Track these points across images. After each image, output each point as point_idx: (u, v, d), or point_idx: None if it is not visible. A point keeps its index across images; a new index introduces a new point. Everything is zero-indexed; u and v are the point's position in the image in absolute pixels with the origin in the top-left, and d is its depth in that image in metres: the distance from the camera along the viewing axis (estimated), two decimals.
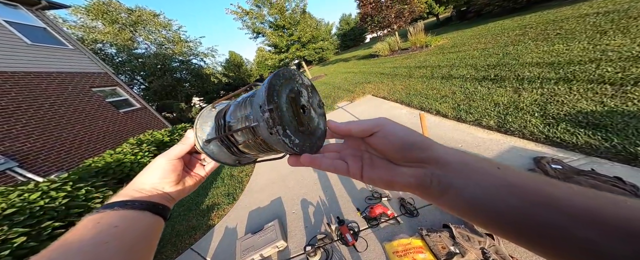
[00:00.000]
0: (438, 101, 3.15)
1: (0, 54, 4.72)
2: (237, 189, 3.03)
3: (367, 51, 14.66)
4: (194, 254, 2.10)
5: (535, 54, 3.39)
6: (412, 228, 1.43)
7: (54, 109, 5.24)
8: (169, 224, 2.87)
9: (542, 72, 2.81)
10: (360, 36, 39.55)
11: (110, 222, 0.26)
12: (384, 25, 9.58)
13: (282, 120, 0.25)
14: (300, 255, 1.62)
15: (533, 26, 5.00)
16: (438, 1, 14.08)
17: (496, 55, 4.00)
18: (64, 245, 0.23)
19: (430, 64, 5.29)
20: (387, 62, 7.91)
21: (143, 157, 4.94)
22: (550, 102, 2.21)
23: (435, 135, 2.40)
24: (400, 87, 4.39)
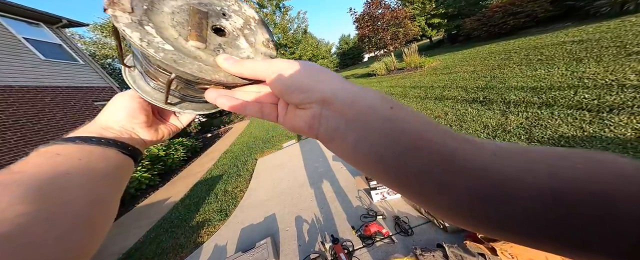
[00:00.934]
0: None
1: (13, 69, 4.89)
2: (230, 205, 2.95)
3: (365, 70, 15.35)
4: None
5: (520, 78, 3.62)
6: (407, 247, 1.41)
7: (55, 121, 5.26)
8: (154, 241, 2.73)
9: (526, 96, 2.98)
10: (358, 55, 41.59)
11: (72, 154, 0.22)
12: (380, 46, 10.27)
13: (149, 16, 0.21)
14: None
15: (517, 51, 5.37)
16: (431, 25, 15.20)
17: (484, 78, 4.25)
18: (14, 173, 0.19)
19: (424, 84, 5.56)
20: (384, 81, 8.28)
21: (136, 171, 4.85)
22: (535, 126, 2.31)
23: None
24: None
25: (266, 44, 0.29)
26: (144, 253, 2.51)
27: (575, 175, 0.13)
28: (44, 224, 0.17)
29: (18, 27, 5.31)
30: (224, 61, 0.22)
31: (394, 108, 0.18)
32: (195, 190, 4.04)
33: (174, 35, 0.23)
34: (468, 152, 0.15)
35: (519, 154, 0.15)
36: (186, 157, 6.86)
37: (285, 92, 0.21)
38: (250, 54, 0.27)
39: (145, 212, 3.81)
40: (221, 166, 5.06)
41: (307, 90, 0.20)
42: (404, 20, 9.31)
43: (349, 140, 0.18)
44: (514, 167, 0.14)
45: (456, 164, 0.15)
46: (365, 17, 9.81)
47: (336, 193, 2.34)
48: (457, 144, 0.16)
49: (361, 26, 10.10)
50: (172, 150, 6.38)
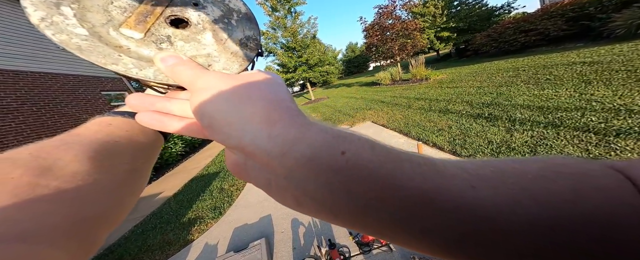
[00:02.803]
0: (435, 134, 3.25)
1: (29, 54, 5.02)
2: (225, 203, 2.88)
3: (370, 78, 15.51)
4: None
5: (526, 97, 3.61)
6: (405, 256, 1.34)
7: (59, 107, 5.33)
8: (140, 237, 2.65)
9: (532, 115, 2.96)
10: (364, 64, 42.17)
11: (121, 125, 0.23)
12: (387, 56, 10.41)
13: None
14: None
15: (525, 69, 5.38)
16: (439, 38, 15.41)
17: (490, 95, 4.26)
18: (77, 135, 0.20)
19: (428, 96, 5.59)
20: (387, 91, 8.34)
21: None
22: (539, 145, 2.29)
23: None
24: (400, 117, 4.55)
25: (244, 43, 0.24)
26: (127, 249, 2.43)
27: (558, 197, 0.12)
28: (93, 184, 0.18)
29: None
30: (159, 56, 0.19)
31: (346, 152, 0.13)
32: (190, 186, 3.97)
33: (101, 20, 0.19)
34: (444, 190, 0.13)
35: (495, 179, 0.13)
36: (184, 152, 6.82)
37: (201, 123, 0.17)
38: (212, 51, 0.22)
39: (136, 206, 3.73)
40: (219, 163, 5.01)
41: (222, 132, 0.16)
42: (413, 31, 9.50)
43: (288, 197, 0.15)
44: (498, 200, 0.12)
45: (434, 206, 0.13)
46: (374, 27, 10.02)
47: None
48: (431, 183, 0.13)
49: (370, 35, 10.30)
50: (171, 144, 6.35)
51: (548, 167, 0.14)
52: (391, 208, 0.13)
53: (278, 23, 12.42)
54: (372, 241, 1.49)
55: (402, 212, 0.13)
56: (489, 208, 0.12)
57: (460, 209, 0.12)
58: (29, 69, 4.98)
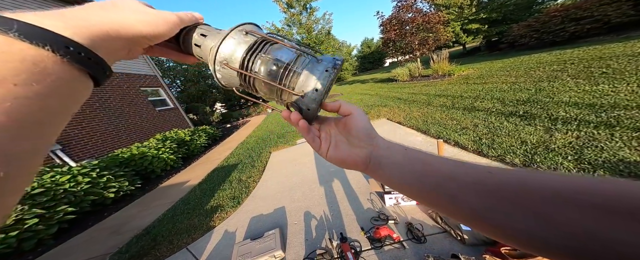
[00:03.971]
0: (457, 132, 3.03)
1: None
2: (243, 194, 3.04)
3: (386, 75, 14.95)
4: (188, 254, 2.07)
5: (574, 93, 3.18)
6: (418, 255, 1.29)
7: (106, 103, 6.01)
8: (170, 221, 2.88)
9: (580, 113, 2.60)
10: (379, 60, 40.77)
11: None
12: (406, 52, 9.87)
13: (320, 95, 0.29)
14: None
15: (575, 62, 4.74)
16: (466, 31, 14.22)
17: (528, 91, 3.83)
18: None
19: (451, 93, 5.22)
20: (405, 88, 7.96)
21: (164, 152, 5.29)
22: (587, 147, 2.01)
23: None
24: (418, 114, 4.33)
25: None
26: (160, 231, 2.67)
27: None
28: None
29: None
30: (329, 104, 0.34)
31: (407, 149, 0.29)
32: (212, 176, 4.26)
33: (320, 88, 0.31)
34: (462, 172, 0.23)
35: (511, 171, 0.22)
36: (207, 144, 7.33)
37: (363, 135, 0.31)
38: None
39: (166, 192, 4.10)
40: (237, 155, 5.27)
41: (374, 137, 0.31)
42: (436, 25, 8.87)
43: (386, 170, 0.29)
44: (511, 177, 0.20)
45: (458, 180, 0.23)
46: (392, 21, 9.54)
47: (347, 193, 2.27)
48: (456, 168, 0.24)
49: (387, 30, 9.82)
50: (196, 137, 6.86)
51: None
52: (432, 179, 0.25)
53: (293, 20, 12.57)
54: (384, 237, 1.45)
55: (438, 182, 0.24)
56: (495, 183, 0.21)
57: (473, 182, 0.22)
58: None
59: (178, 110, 8.91)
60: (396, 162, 0.28)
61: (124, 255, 2.33)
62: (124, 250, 2.42)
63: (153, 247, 2.33)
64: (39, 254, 2.68)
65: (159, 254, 2.19)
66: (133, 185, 4.25)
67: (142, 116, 6.98)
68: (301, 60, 0.31)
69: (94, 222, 3.32)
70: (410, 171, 0.27)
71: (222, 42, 0.29)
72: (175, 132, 6.44)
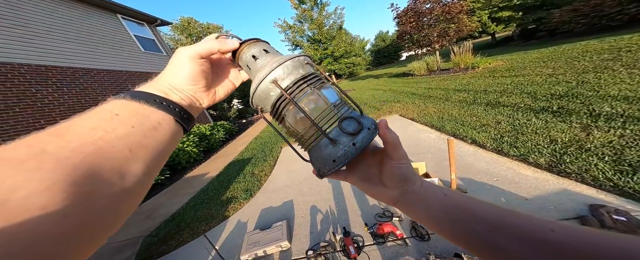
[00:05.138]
0: (476, 129, 2.85)
1: (127, 57, 6.59)
2: (255, 187, 3.21)
3: (401, 69, 14.33)
4: (205, 240, 2.26)
5: (626, 85, 2.78)
6: (420, 252, 1.29)
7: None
8: (192, 209, 3.15)
9: (629, 108, 2.29)
10: (395, 53, 39.02)
11: (129, 119, 0.22)
12: (423, 44, 9.31)
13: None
14: (301, 258, 1.60)
15: (632, 50, 4.12)
16: (496, 19, 12.89)
17: (567, 84, 3.43)
18: (63, 135, 0.18)
19: (473, 87, 4.88)
20: (421, 82, 7.60)
21: (188, 145, 5.71)
22: (630, 147, 1.78)
23: (466, 164, 2.17)
24: (433, 110, 4.14)
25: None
26: (183, 218, 2.93)
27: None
28: (59, 223, 0.14)
29: (131, 26, 7.12)
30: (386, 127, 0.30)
31: (446, 195, 0.28)
32: (228, 169, 4.53)
33: None
34: (515, 223, 0.22)
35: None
36: (225, 138, 7.75)
37: (399, 180, 0.29)
38: None
39: (190, 182, 4.46)
40: (251, 150, 5.52)
41: (409, 181, 0.29)
42: (458, 15, 8.21)
43: (420, 209, 0.28)
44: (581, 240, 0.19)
45: (509, 233, 0.22)
46: (408, 13, 8.99)
47: (353, 190, 2.29)
48: (506, 217, 0.23)
49: (402, 22, 9.29)
50: (215, 131, 7.28)
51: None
52: (468, 224, 0.25)
53: (304, 16, 12.45)
54: (388, 233, 1.46)
55: (476, 227, 0.24)
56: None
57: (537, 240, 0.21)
58: (125, 69, 6.41)
59: None
60: (431, 208, 0.27)
61: (154, 238, 2.61)
62: (154, 234, 2.71)
63: (177, 232, 2.58)
64: None
65: (182, 238, 2.42)
66: (163, 175, 4.67)
67: None
68: (345, 107, 0.31)
69: None
70: (442, 216, 0.26)
71: (284, 63, 0.29)
72: (198, 126, 6.91)
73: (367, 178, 0.31)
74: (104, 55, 5.93)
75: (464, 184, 1.87)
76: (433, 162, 2.35)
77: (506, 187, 1.73)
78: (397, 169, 0.29)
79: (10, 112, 3.82)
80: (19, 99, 3.97)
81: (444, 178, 1.95)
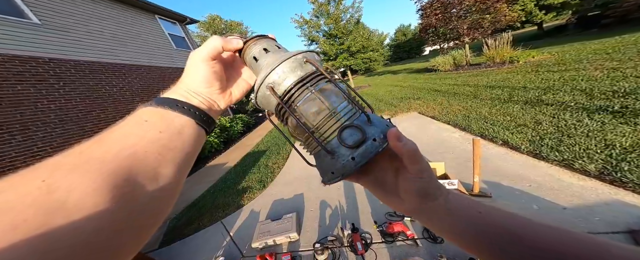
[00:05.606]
0: (510, 130, 2.57)
1: (162, 55, 7.19)
2: (269, 178, 3.31)
3: (423, 64, 13.51)
4: (221, 226, 2.39)
5: None
6: (431, 254, 1.21)
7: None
8: (211, 196, 3.37)
9: None
10: (417, 48, 36.99)
11: (157, 124, 0.24)
12: (450, 37, 8.58)
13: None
14: (308, 250, 1.62)
15: None
16: (545, 7, 11.22)
17: (636, 79, 2.92)
18: (102, 146, 0.20)
19: (510, 84, 4.39)
20: (446, 79, 7.07)
21: (210, 136, 6.14)
22: None
23: (494, 167, 1.97)
24: (458, 108, 3.82)
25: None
26: (203, 205, 3.14)
27: None
28: (110, 219, 0.17)
29: (165, 25, 7.81)
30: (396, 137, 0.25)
31: (483, 212, 0.24)
32: (245, 160, 4.74)
33: None
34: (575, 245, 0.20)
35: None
36: (242, 131, 8.15)
37: (419, 195, 0.26)
38: None
39: (210, 171, 4.77)
40: (266, 143, 5.70)
41: (429, 198, 0.25)
42: (495, 4, 7.31)
43: (442, 226, 0.25)
44: None
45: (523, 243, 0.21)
46: (434, 4, 8.25)
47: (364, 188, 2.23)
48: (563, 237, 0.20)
49: (427, 14, 8.57)
50: (234, 123, 7.71)
51: None
52: (516, 249, 0.21)
53: (321, 10, 12.20)
54: (398, 233, 1.40)
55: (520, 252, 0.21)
56: None
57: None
58: (160, 65, 6.98)
59: None
60: (457, 227, 0.24)
61: (178, 221, 2.85)
62: (178, 217, 2.96)
63: (198, 217, 2.78)
64: None
65: (202, 223, 2.60)
66: None
67: None
68: (350, 111, 0.27)
69: None
70: (484, 242, 0.23)
71: (279, 65, 0.27)
72: (219, 118, 7.37)
73: (381, 183, 0.28)
74: (144, 53, 6.58)
75: (489, 188, 1.70)
76: (455, 164, 2.18)
77: (541, 194, 1.54)
78: (414, 183, 0.25)
79: (73, 102, 4.41)
80: (76, 93, 4.59)
81: (465, 181, 1.80)
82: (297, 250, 1.66)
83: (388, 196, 0.28)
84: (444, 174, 1.72)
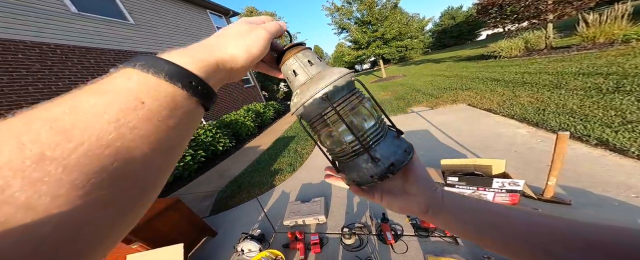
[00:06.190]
0: (612, 127, 2.02)
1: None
2: (298, 162, 3.45)
3: (477, 51, 11.47)
4: (256, 203, 2.64)
5: None
6: (474, 254, 1.09)
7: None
8: (248, 175, 3.64)
9: None
10: (469, 33, 31.39)
11: (147, 92, 0.17)
12: (524, 17, 6.82)
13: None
14: (336, 233, 1.67)
15: None
16: None
17: None
18: (69, 122, 0.14)
19: (619, 70, 3.38)
20: (511, 66, 5.85)
21: (248, 120, 6.73)
22: None
23: (581, 171, 1.62)
24: (529, 100, 3.17)
25: None
26: (241, 182, 3.47)
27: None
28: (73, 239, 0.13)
29: (214, 19, 8.62)
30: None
31: (488, 209, 0.28)
32: (276, 144, 5.02)
33: None
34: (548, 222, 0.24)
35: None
36: (274, 117, 8.66)
37: (418, 184, 0.31)
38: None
39: (248, 152, 5.22)
40: (294, 129, 5.89)
41: (431, 188, 0.31)
42: None
43: (449, 218, 0.29)
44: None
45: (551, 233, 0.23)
46: None
47: None
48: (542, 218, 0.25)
49: None
50: (267, 110, 8.28)
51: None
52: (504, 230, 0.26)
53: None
54: (434, 228, 1.30)
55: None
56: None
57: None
58: None
59: (256, 87, 11.11)
60: (458, 211, 0.29)
61: (223, 193, 3.27)
62: (223, 191, 3.38)
63: (238, 192, 3.13)
64: (188, 181, 4.14)
65: (241, 198, 2.91)
66: (231, 143, 5.68)
67: (237, 91, 9.20)
68: (383, 125, 0.33)
69: (211, 167, 4.75)
70: (479, 221, 0.27)
71: (338, 79, 0.29)
72: (254, 105, 7.94)
73: (390, 191, 0.32)
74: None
75: (571, 195, 1.42)
76: (518, 164, 1.86)
77: None
78: (414, 174, 0.31)
79: None
80: None
81: (533, 183, 1.52)
82: (325, 232, 1.73)
83: (399, 198, 0.31)
84: (503, 172, 1.48)
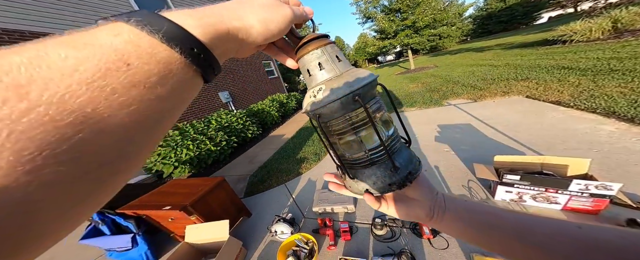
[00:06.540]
0: None
1: None
2: (323, 152, 3.49)
3: (536, 36, 9.74)
4: (285, 189, 2.78)
5: None
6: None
7: (248, 72, 9.06)
8: (275, 162, 3.79)
9: None
10: (523, 16, 26.50)
11: (134, 51, 0.14)
12: None
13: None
14: (366, 223, 1.69)
15: None
16: None
17: None
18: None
19: None
20: (590, 51, 4.88)
21: (272, 109, 6.98)
22: None
23: None
24: (618, 91, 2.65)
25: None
26: (269, 169, 3.64)
27: None
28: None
29: None
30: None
31: (467, 200, 0.33)
32: (300, 133, 5.14)
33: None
34: (540, 223, 0.26)
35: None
36: (295, 107, 8.88)
37: (419, 188, 0.33)
38: None
39: (273, 140, 5.46)
40: None
41: (432, 192, 0.33)
42: None
43: (448, 221, 0.32)
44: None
45: (538, 232, 0.25)
46: None
47: (429, 173, 2.01)
48: (530, 219, 0.27)
49: None
50: (289, 100, 8.49)
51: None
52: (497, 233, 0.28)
53: None
54: None
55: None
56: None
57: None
58: None
59: (279, 79, 11.46)
60: (462, 217, 0.31)
61: (254, 178, 3.51)
62: (254, 175, 3.63)
63: (268, 178, 3.33)
64: (224, 165, 4.50)
65: (270, 183, 3.08)
66: (258, 130, 6.01)
67: (262, 82, 9.73)
68: (398, 135, 0.34)
69: (241, 152, 5.11)
70: (478, 222, 0.29)
71: (369, 82, 0.29)
72: (278, 95, 8.18)
73: (397, 198, 0.34)
74: None
75: None
76: (602, 166, 1.61)
77: None
78: (421, 177, 0.33)
79: None
80: None
81: (628, 190, 1.30)
82: (354, 222, 1.76)
83: (405, 204, 0.33)
84: (585, 173, 1.30)
